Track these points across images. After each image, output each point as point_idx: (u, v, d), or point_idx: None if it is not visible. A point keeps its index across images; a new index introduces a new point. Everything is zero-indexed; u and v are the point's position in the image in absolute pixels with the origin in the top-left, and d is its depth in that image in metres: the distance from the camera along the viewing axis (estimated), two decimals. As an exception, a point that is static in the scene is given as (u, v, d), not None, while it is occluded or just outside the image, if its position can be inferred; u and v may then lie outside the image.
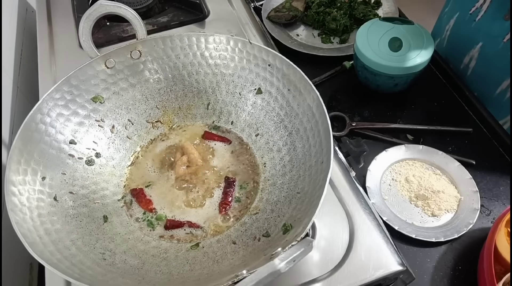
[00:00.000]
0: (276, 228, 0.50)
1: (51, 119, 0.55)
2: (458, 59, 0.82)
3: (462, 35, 0.80)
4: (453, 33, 0.83)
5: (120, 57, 0.59)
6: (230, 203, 0.56)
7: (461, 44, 0.81)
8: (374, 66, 0.71)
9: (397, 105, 0.78)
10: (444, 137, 0.73)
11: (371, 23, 0.75)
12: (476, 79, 0.80)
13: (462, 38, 0.80)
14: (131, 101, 0.62)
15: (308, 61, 0.83)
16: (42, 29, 0.82)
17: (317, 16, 0.89)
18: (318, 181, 0.48)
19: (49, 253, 0.44)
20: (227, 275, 0.41)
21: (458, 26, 0.81)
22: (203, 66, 0.62)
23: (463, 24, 0.79)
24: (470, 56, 0.78)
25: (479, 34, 0.75)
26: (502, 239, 0.54)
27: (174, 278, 0.48)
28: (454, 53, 0.84)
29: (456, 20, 0.81)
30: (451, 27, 0.83)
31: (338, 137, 0.73)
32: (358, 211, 0.55)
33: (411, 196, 0.65)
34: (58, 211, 0.51)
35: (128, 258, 0.50)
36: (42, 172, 0.52)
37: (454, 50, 0.84)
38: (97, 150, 0.58)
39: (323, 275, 0.50)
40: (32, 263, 0.70)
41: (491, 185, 0.66)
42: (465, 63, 0.80)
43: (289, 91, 0.57)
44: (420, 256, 0.60)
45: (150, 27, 0.81)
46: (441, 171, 0.67)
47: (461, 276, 0.58)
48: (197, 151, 0.60)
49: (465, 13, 0.77)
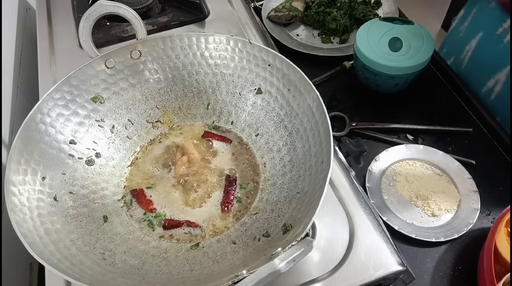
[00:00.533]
0: (276, 228, 0.50)
1: (51, 119, 0.55)
2: (481, 82, 0.77)
3: (487, 57, 0.76)
4: (476, 54, 0.78)
5: (120, 57, 0.59)
6: (232, 201, 0.56)
7: (486, 66, 0.76)
8: (374, 66, 0.71)
9: (397, 105, 0.78)
10: (444, 137, 0.73)
11: (371, 23, 0.75)
12: (500, 104, 0.76)
13: (488, 60, 0.76)
14: (131, 101, 0.62)
15: (308, 61, 0.83)
16: (42, 29, 0.82)
17: (317, 16, 0.89)
18: (318, 181, 0.48)
19: (49, 253, 0.44)
20: (227, 275, 0.41)
21: (482, 47, 0.77)
22: (203, 66, 0.62)
23: (489, 45, 0.75)
24: (496, 79, 0.74)
25: (507, 57, 0.71)
26: (502, 239, 0.54)
27: (174, 278, 0.48)
28: (476, 75, 0.79)
29: (480, 41, 0.76)
30: (473, 48, 0.78)
31: (338, 137, 0.73)
32: (358, 211, 0.55)
33: (411, 196, 0.65)
34: (58, 211, 0.51)
35: (128, 258, 0.50)
36: (42, 172, 0.52)
37: (477, 72, 0.79)
38: (97, 150, 0.58)
39: (323, 275, 0.50)
40: (32, 263, 0.70)
41: (491, 185, 0.66)
42: (489, 87, 0.76)
43: (289, 91, 0.57)
44: (420, 256, 0.60)
45: (150, 27, 0.81)
46: (441, 171, 0.67)
47: (461, 276, 0.58)
48: (197, 151, 0.60)
49: (491, 34, 0.73)
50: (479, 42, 0.77)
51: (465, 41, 0.81)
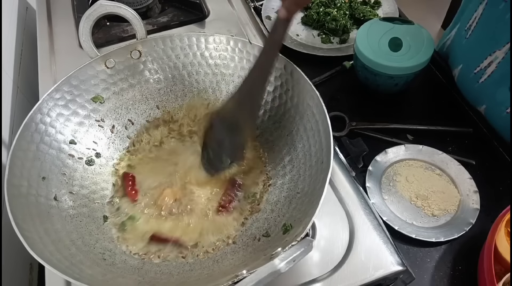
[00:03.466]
0: (276, 228, 0.50)
1: (51, 119, 0.55)
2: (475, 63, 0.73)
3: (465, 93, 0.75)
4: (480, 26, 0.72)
5: (120, 57, 0.60)
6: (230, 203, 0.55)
7: None
8: (374, 66, 0.71)
9: (397, 105, 0.78)
10: (444, 137, 0.73)
11: (371, 23, 0.75)
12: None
13: None
14: (131, 101, 0.62)
15: (308, 61, 0.82)
16: (42, 29, 0.82)
17: (317, 16, 0.89)
18: (318, 181, 0.48)
19: (49, 253, 0.44)
20: (227, 275, 0.41)
21: (460, 81, 0.76)
22: (203, 66, 0.62)
23: (466, 80, 0.74)
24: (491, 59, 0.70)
25: (482, 96, 0.70)
26: (502, 239, 0.54)
27: (174, 278, 0.48)
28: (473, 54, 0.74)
29: (460, 72, 0.75)
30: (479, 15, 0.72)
31: (338, 137, 0.73)
32: (358, 211, 0.55)
33: (411, 196, 0.65)
34: (58, 211, 0.51)
35: (128, 258, 0.50)
36: (42, 172, 0.52)
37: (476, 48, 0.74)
38: (97, 150, 0.58)
39: (323, 275, 0.50)
40: (32, 263, 0.70)
41: (491, 185, 0.66)
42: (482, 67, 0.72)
43: (289, 91, 0.57)
44: (420, 256, 0.60)
45: (150, 27, 0.81)
46: (441, 171, 0.67)
47: (461, 276, 0.58)
48: None
49: (470, 71, 0.72)
50: (459, 72, 0.76)
51: None
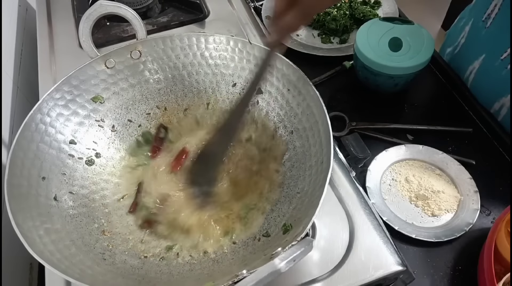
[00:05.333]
0: (276, 228, 0.50)
1: (51, 119, 0.55)
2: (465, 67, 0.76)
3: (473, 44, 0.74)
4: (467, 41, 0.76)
5: (120, 57, 0.60)
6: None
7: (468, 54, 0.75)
8: (374, 66, 0.71)
9: (397, 105, 0.78)
10: (444, 137, 0.73)
11: (371, 23, 0.75)
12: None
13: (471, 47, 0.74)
14: (131, 101, 0.62)
15: (308, 61, 0.82)
16: (42, 29, 0.82)
17: (317, 16, 0.89)
18: (318, 181, 0.48)
19: (49, 253, 0.44)
20: (227, 275, 0.41)
21: (481, 73, 0.75)
22: (203, 66, 0.62)
23: (491, 69, 0.72)
24: None
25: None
26: (502, 239, 0.54)
27: (174, 278, 0.48)
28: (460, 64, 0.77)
29: (482, 63, 0.74)
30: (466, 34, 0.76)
31: (338, 137, 0.73)
32: (358, 211, 0.55)
33: (411, 196, 0.65)
34: (58, 211, 0.50)
35: (128, 258, 0.50)
36: (42, 172, 0.52)
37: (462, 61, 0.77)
38: (97, 150, 0.58)
39: (323, 275, 0.50)
40: (32, 263, 0.70)
41: (491, 185, 0.66)
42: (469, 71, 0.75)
43: (289, 91, 0.57)
44: (420, 256, 0.60)
45: (150, 27, 0.81)
46: (441, 171, 0.67)
47: (461, 276, 0.58)
48: None
49: (495, 58, 0.70)
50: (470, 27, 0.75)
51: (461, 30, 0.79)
